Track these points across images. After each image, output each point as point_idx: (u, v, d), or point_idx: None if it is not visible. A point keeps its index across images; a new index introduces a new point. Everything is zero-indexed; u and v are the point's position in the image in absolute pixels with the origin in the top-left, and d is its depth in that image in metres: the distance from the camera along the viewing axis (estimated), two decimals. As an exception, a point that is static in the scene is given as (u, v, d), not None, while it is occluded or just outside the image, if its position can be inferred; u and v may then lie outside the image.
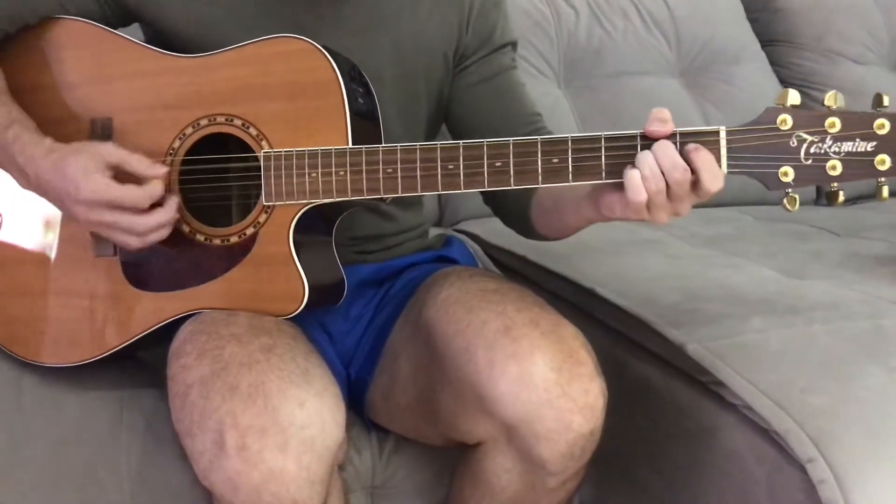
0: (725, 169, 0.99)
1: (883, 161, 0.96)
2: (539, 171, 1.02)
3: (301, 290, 1.11)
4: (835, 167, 0.97)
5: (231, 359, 1.02)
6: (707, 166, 0.97)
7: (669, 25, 2.27)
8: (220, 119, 1.14)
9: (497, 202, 1.28)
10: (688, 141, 0.98)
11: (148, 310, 1.16)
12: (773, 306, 1.35)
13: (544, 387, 1.02)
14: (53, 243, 1.21)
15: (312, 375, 1.03)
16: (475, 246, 1.73)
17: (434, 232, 1.46)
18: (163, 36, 1.21)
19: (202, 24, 1.18)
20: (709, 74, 2.27)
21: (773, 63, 2.36)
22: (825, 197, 0.99)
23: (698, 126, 1.00)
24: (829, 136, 0.97)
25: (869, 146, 0.96)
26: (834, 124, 0.96)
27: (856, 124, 0.96)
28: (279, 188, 1.10)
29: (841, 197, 0.98)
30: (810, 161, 0.97)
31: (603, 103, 2.13)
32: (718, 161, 0.98)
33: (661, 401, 1.34)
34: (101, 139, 1.17)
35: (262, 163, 1.11)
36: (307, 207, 1.10)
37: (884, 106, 0.97)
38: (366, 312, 1.30)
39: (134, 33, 1.22)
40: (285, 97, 1.11)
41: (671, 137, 0.98)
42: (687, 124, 1.00)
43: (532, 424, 1.03)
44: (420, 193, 1.07)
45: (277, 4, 1.19)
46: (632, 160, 0.98)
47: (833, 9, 2.42)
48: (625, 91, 2.16)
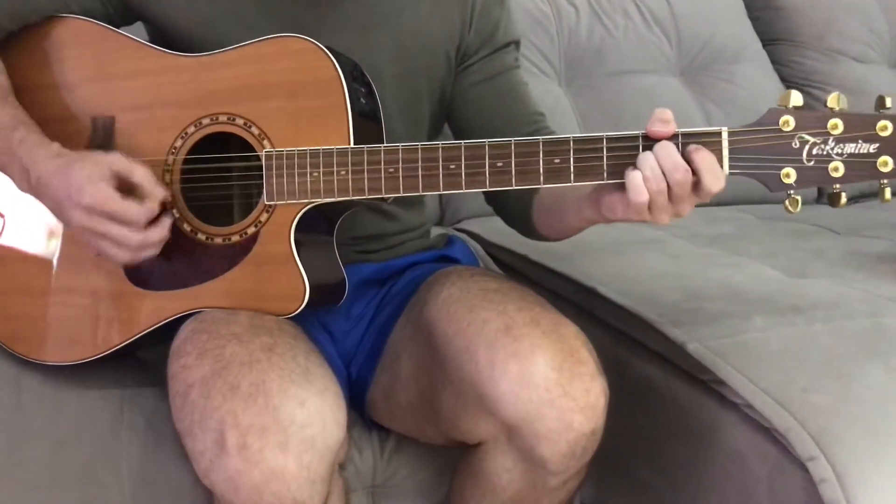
0: (727, 170, 0.99)
1: (885, 163, 0.96)
2: (541, 172, 1.02)
3: (302, 290, 1.10)
4: (837, 169, 0.97)
5: (232, 358, 1.02)
6: (708, 167, 0.97)
7: (670, 24, 2.27)
8: (222, 118, 1.14)
9: (499, 202, 1.28)
10: (690, 142, 0.98)
11: (148, 308, 1.16)
12: (774, 305, 1.35)
13: (545, 386, 1.02)
14: (55, 242, 1.21)
15: (313, 374, 1.03)
16: (476, 245, 1.72)
17: (435, 231, 1.46)
18: (165, 35, 1.21)
19: (204, 23, 1.19)
20: (710, 73, 2.26)
21: (775, 62, 2.36)
22: (827, 199, 0.99)
23: (699, 125, 0.99)
24: (832, 138, 0.97)
25: (871, 148, 0.96)
26: (836, 126, 0.96)
27: (858, 126, 0.96)
28: (280, 187, 1.10)
29: (843, 199, 0.98)
30: (812, 162, 0.97)
31: (604, 102, 2.13)
32: (720, 162, 0.98)
33: (663, 400, 1.34)
34: (103, 138, 1.17)
35: (264, 162, 1.11)
36: (308, 207, 1.10)
37: (886, 108, 0.96)
38: (367, 312, 1.29)
39: (138, 33, 1.22)
40: (287, 96, 1.11)
41: (673, 138, 0.98)
42: (688, 123, 1.00)
43: (533, 424, 1.03)
44: (421, 193, 1.07)
45: (278, 4, 1.19)
46: (633, 161, 0.98)
47: (834, 7, 2.42)
48: (625, 90, 2.16)
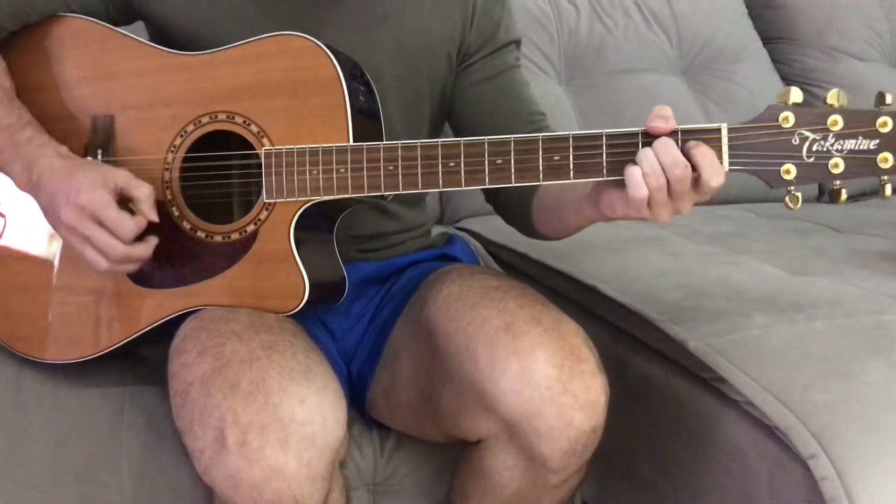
0: (727, 166, 0.98)
1: (886, 159, 0.96)
2: (540, 169, 1.02)
3: (301, 288, 1.10)
4: (837, 165, 0.96)
5: (232, 356, 1.02)
6: (707, 162, 0.97)
7: (671, 23, 2.27)
8: (222, 116, 1.14)
9: (498, 201, 1.28)
10: (689, 138, 0.98)
11: (149, 307, 1.16)
12: (775, 303, 1.35)
13: (546, 384, 1.02)
14: (56, 241, 1.21)
15: (313, 372, 1.03)
16: (476, 244, 1.72)
17: (436, 230, 1.46)
18: (165, 34, 1.21)
19: (204, 23, 1.18)
20: (710, 72, 2.26)
21: (775, 60, 2.36)
22: (828, 195, 0.99)
23: (700, 123, 0.99)
24: (832, 134, 0.96)
25: (871, 144, 0.96)
26: (836, 122, 0.96)
27: (858, 122, 0.96)
28: (280, 185, 1.10)
29: (843, 195, 0.98)
30: (812, 159, 0.97)
31: (604, 101, 2.13)
32: (720, 158, 0.98)
33: (663, 397, 1.34)
34: (103, 137, 1.17)
35: (263, 160, 1.11)
36: (308, 205, 1.10)
37: (886, 104, 0.96)
38: (367, 310, 1.29)
39: (138, 32, 1.22)
40: (287, 95, 1.11)
41: (673, 135, 0.98)
42: (688, 121, 1.00)
43: (533, 421, 1.03)
44: (421, 191, 1.07)
45: (279, 3, 1.19)
46: (633, 158, 0.98)
47: (834, 6, 2.42)
48: (626, 89, 2.16)
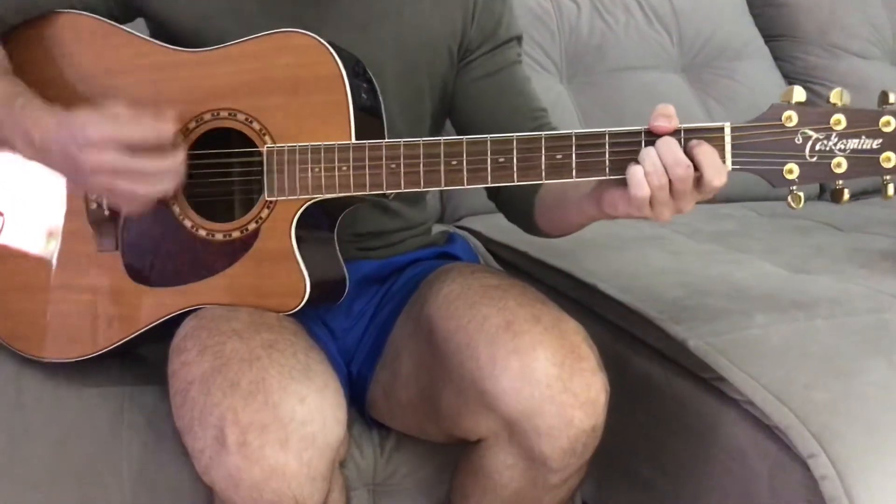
0: (730, 165, 0.98)
1: (889, 159, 0.96)
2: (543, 168, 1.02)
3: (302, 286, 1.10)
4: (840, 164, 0.96)
5: (232, 355, 1.02)
6: (710, 162, 0.97)
7: (672, 20, 2.27)
8: (224, 113, 1.13)
9: (501, 198, 1.28)
10: (692, 137, 0.98)
11: (149, 305, 1.16)
12: (776, 302, 1.35)
13: (546, 382, 1.02)
14: (55, 239, 1.20)
15: (314, 371, 1.02)
16: (477, 242, 1.72)
17: (436, 228, 1.46)
18: (166, 31, 1.20)
19: (204, 20, 1.18)
20: (711, 69, 2.26)
21: (777, 58, 2.35)
22: (830, 195, 0.99)
23: (701, 121, 0.99)
24: (835, 134, 0.96)
25: (875, 143, 0.96)
26: (840, 121, 0.96)
27: (862, 121, 0.96)
28: (281, 183, 1.10)
29: (846, 195, 0.98)
30: (815, 158, 0.97)
31: (605, 98, 2.13)
32: (723, 157, 0.98)
33: (663, 397, 1.34)
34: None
35: (265, 158, 1.10)
36: (310, 203, 1.10)
37: (890, 103, 0.96)
38: (368, 309, 1.29)
39: (139, 29, 1.21)
40: (288, 92, 1.10)
41: (675, 134, 0.98)
42: (689, 119, 1.00)
43: (533, 420, 1.03)
44: (423, 189, 1.07)
45: (279, 0, 1.18)
46: (636, 157, 0.98)
47: (836, 3, 2.42)
48: (627, 86, 2.15)
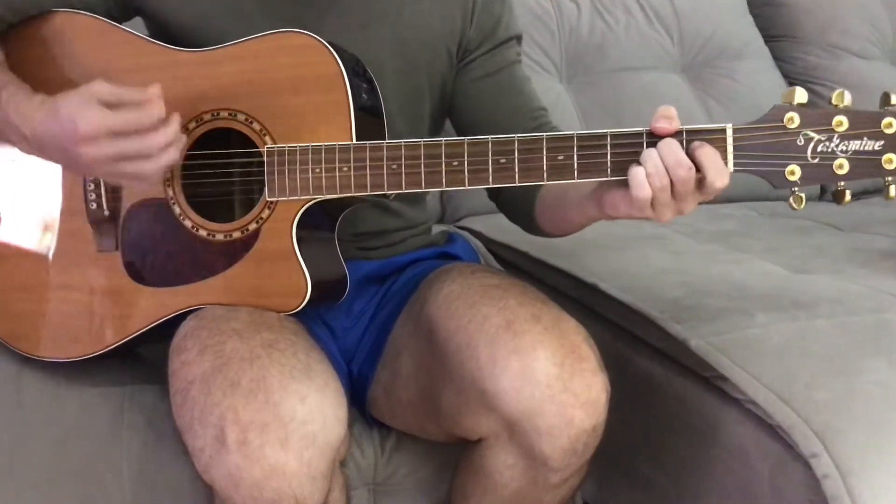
0: (732, 167, 0.98)
1: (890, 160, 0.96)
2: (544, 169, 1.02)
3: (303, 286, 1.10)
4: (842, 166, 0.96)
5: (232, 354, 1.02)
6: (712, 163, 0.97)
7: (672, 20, 2.26)
8: (224, 114, 1.13)
9: (501, 198, 1.28)
10: (694, 138, 0.98)
11: (149, 305, 1.16)
12: (777, 301, 1.35)
13: (546, 382, 1.02)
14: (54, 239, 1.20)
15: (314, 371, 1.02)
16: (477, 242, 1.72)
17: (436, 228, 1.46)
18: (165, 30, 1.20)
19: (203, 19, 1.18)
20: (711, 70, 2.26)
21: (777, 58, 2.35)
22: (832, 196, 0.99)
23: (701, 121, 0.99)
24: (837, 135, 0.96)
25: (876, 145, 0.96)
26: (841, 123, 0.96)
27: (863, 123, 0.96)
28: (282, 184, 1.10)
29: (848, 196, 0.98)
30: (817, 160, 0.97)
31: (605, 99, 2.13)
32: (725, 159, 0.98)
33: (664, 396, 1.34)
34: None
35: (266, 158, 1.10)
36: (310, 203, 1.10)
37: (891, 105, 0.96)
38: (368, 309, 1.29)
39: (138, 29, 1.21)
40: (289, 92, 1.10)
41: (677, 135, 0.98)
42: (689, 120, 1.00)
43: (534, 419, 1.03)
44: (424, 190, 1.07)
45: (279, 0, 1.18)
46: (637, 158, 0.98)
47: (836, 4, 2.42)
48: (627, 86, 2.15)
